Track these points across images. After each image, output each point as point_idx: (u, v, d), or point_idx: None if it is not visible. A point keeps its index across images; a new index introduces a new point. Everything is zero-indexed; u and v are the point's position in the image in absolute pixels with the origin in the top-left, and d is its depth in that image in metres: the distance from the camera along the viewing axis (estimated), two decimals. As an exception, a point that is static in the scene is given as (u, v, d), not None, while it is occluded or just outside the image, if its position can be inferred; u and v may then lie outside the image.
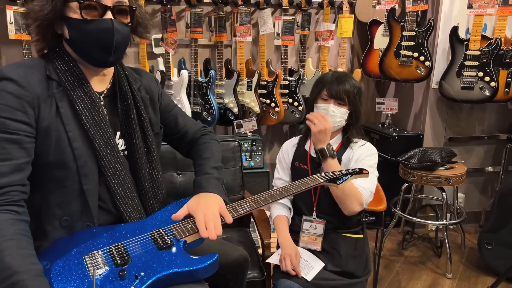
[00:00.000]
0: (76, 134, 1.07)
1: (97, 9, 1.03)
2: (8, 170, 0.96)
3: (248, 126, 2.88)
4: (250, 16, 2.80)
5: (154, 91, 1.30)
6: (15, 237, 0.91)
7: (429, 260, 2.64)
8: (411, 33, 2.64)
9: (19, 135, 0.98)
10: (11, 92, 0.99)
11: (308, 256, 1.61)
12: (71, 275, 0.96)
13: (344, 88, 1.57)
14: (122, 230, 1.11)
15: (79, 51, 1.08)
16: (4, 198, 0.94)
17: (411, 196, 2.79)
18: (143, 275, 0.98)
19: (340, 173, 1.41)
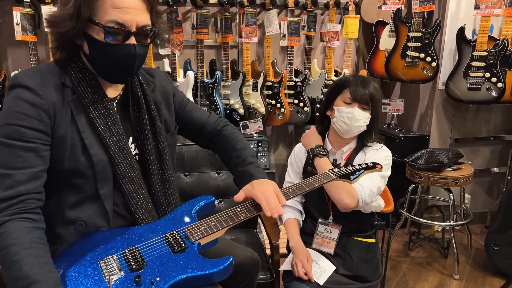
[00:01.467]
0: (92, 141, 1.07)
1: (121, 34, 1.01)
2: (26, 178, 0.96)
3: (254, 127, 2.88)
4: (256, 17, 2.80)
5: (168, 91, 1.30)
6: (33, 246, 0.91)
7: (435, 261, 2.64)
8: (418, 34, 2.64)
9: (35, 143, 0.98)
10: (27, 100, 0.99)
11: (320, 259, 1.60)
12: (87, 281, 0.96)
13: (369, 92, 1.53)
14: (136, 233, 1.11)
15: (97, 68, 1.07)
16: (21, 206, 0.94)
17: (417, 197, 2.79)
18: (158, 280, 0.98)
19: (353, 168, 1.40)
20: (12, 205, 0.93)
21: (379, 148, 1.61)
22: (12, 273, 0.86)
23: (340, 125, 1.57)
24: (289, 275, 1.58)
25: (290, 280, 1.56)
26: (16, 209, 0.94)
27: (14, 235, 0.90)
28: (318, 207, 1.68)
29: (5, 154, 0.96)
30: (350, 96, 1.53)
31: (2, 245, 0.89)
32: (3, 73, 2.59)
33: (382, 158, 1.58)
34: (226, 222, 1.14)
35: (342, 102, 1.56)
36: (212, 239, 1.14)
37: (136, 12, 1.01)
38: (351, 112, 1.53)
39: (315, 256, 1.61)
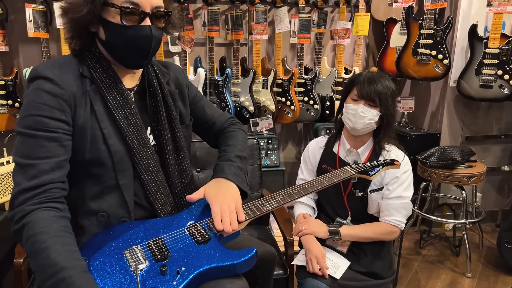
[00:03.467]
0: (110, 131, 1.07)
1: (136, 15, 1.02)
2: (50, 167, 0.96)
3: (264, 125, 2.87)
4: (266, 15, 2.80)
5: (182, 83, 1.30)
6: (59, 234, 0.91)
7: (447, 259, 2.63)
8: (429, 31, 2.63)
9: (58, 133, 0.98)
10: (48, 91, 0.99)
11: (333, 255, 1.60)
12: (113, 270, 0.96)
13: (375, 89, 1.51)
14: (159, 225, 1.11)
15: (114, 54, 1.08)
16: (46, 195, 0.95)
17: (428, 195, 2.77)
18: (184, 270, 0.98)
19: (371, 165, 1.40)
20: (37, 194, 0.93)
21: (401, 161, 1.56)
22: (40, 261, 0.86)
23: (346, 122, 1.58)
24: (303, 272, 1.57)
25: (304, 277, 1.55)
26: (42, 198, 0.94)
27: (40, 224, 0.90)
28: (334, 206, 1.67)
29: (28, 144, 0.97)
30: (357, 93, 1.53)
31: (29, 233, 0.90)
32: (15, 70, 2.59)
33: (402, 173, 1.56)
34: (248, 215, 1.14)
35: (350, 99, 1.57)
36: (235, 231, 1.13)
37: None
38: (355, 109, 1.53)
39: (328, 252, 1.60)
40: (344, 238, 1.58)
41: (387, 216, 1.57)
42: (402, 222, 1.58)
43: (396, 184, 1.55)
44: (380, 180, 1.57)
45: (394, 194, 1.54)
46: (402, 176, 1.55)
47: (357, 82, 1.55)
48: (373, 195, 1.58)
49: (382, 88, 1.52)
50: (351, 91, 1.57)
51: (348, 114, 1.56)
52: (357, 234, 1.58)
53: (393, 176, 1.55)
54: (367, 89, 1.51)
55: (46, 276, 0.85)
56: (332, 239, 1.59)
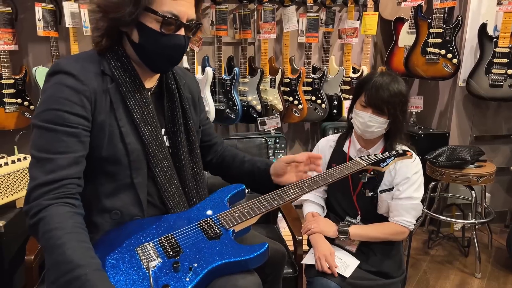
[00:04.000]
0: (128, 129, 1.08)
1: (174, 25, 1.04)
2: (67, 163, 0.96)
3: (271, 124, 2.87)
4: (274, 14, 2.80)
5: (195, 92, 1.32)
6: (74, 230, 0.91)
7: (456, 260, 2.61)
8: (439, 30, 2.61)
9: (77, 129, 0.98)
10: (70, 86, 0.99)
11: (343, 254, 1.59)
12: (126, 268, 0.96)
13: (383, 97, 1.46)
14: (170, 221, 1.11)
15: (144, 57, 1.08)
16: (62, 191, 0.94)
17: (436, 194, 2.76)
18: (196, 266, 0.97)
19: (383, 156, 1.38)
20: (54, 189, 0.93)
21: (412, 161, 1.55)
22: (56, 257, 0.87)
23: (355, 128, 1.58)
24: (312, 270, 1.56)
25: (313, 275, 1.54)
26: (58, 193, 0.93)
27: (56, 219, 0.90)
28: (343, 206, 1.66)
29: (47, 138, 0.97)
30: (365, 100, 1.51)
31: (45, 229, 0.90)
32: (24, 69, 2.61)
33: (412, 174, 1.55)
34: (259, 209, 1.14)
35: (359, 105, 1.54)
36: (246, 226, 1.14)
37: (188, 6, 1.06)
38: (362, 116, 1.51)
39: (337, 250, 1.59)
40: (353, 237, 1.57)
41: (397, 216, 1.56)
42: (411, 223, 1.57)
43: (407, 185, 1.54)
44: (391, 180, 1.57)
45: (404, 195, 1.54)
46: (412, 177, 1.54)
47: (366, 88, 1.51)
48: (383, 195, 1.57)
49: (390, 95, 1.47)
50: (360, 95, 1.55)
51: (356, 120, 1.55)
52: (366, 234, 1.57)
53: (403, 177, 1.54)
54: (375, 97, 1.48)
55: (61, 273, 0.85)
56: (341, 239, 1.59)
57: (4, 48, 2.47)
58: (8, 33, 2.48)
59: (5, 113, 2.53)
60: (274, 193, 1.20)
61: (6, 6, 2.47)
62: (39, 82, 2.55)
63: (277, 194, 1.20)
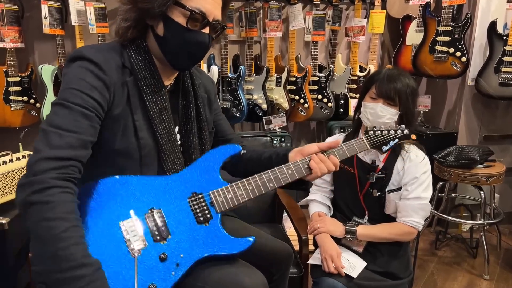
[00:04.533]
0: (142, 124, 1.07)
1: (200, 22, 1.04)
2: (76, 143, 0.92)
3: (277, 122, 2.85)
4: (280, 12, 2.78)
5: (210, 91, 1.31)
6: (78, 224, 0.88)
7: (463, 261, 2.58)
8: (447, 28, 2.58)
9: (92, 113, 0.96)
10: (93, 71, 0.98)
11: (349, 255, 1.57)
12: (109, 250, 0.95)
13: (395, 87, 1.46)
14: (159, 187, 1.06)
15: (167, 52, 1.07)
16: (67, 172, 0.90)
17: (444, 195, 2.72)
18: (182, 257, 1.00)
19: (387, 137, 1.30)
20: (60, 167, 0.88)
21: (421, 161, 1.53)
22: (56, 251, 0.83)
23: (364, 120, 1.55)
24: (318, 271, 1.54)
25: (319, 276, 1.52)
26: (63, 174, 0.88)
27: (63, 208, 0.86)
28: (350, 205, 1.64)
29: (61, 115, 0.93)
30: (375, 91, 1.49)
31: (48, 215, 0.84)
32: (30, 67, 2.61)
33: (421, 174, 1.51)
34: (253, 193, 1.11)
35: (369, 98, 1.53)
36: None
37: (216, 5, 1.06)
38: (373, 107, 1.49)
39: (344, 251, 1.57)
40: (361, 238, 1.55)
41: (405, 216, 1.53)
42: (419, 223, 1.54)
43: (415, 185, 1.51)
44: (399, 180, 1.54)
45: (412, 195, 1.51)
46: (421, 177, 1.51)
47: (376, 80, 1.51)
48: (391, 195, 1.54)
49: (402, 86, 1.47)
50: (369, 89, 1.53)
51: (366, 113, 1.52)
52: (373, 234, 1.55)
53: (412, 177, 1.51)
54: (386, 87, 1.47)
55: (59, 268, 0.83)
56: (348, 239, 1.56)
57: (10, 46, 2.47)
58: (14, 30, 2.49)
59: (11, 110, 2.54)
60: (271, 173, 1.13)
61: (12, 3, 2.47)
62: (45, 80, 2.55)
63: (274, 174, 1.13)
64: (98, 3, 2.54)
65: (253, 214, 2.12)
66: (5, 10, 2.42)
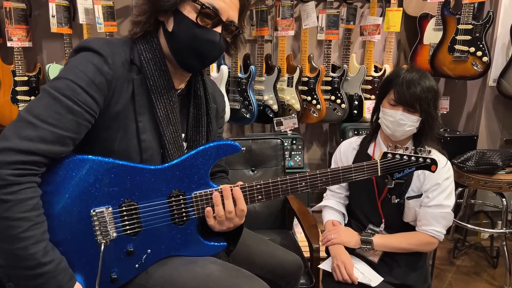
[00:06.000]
0: (146, 125, 1.00)
1: (212, 19, 0.98)
2: (51, 138, 0.85)
3: (288, 124, 2.77)
4: (292, 10, 2.70)
5: (220, 103, 1.25)
6: (39, 220, 0.86)
7: (483, 271, 2.45)
8: (468, 27, 2.46)
9: (81, 108, 0.89)
10: (95, 65, 0.92)
11: (364, 268, 1.48)
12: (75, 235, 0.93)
13: (415, 93, 1.35)
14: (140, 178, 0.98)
15: (174, 48, 1.01)
16: (31, 168, 0.84)
17: (463, 201, 2.60)
18: (149, 252, 1.00)
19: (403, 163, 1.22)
20: (23, 162, 0.82)
21: (443, 167, 1.42)
22: (16, 250, 0.83)
23: (384, 128, 1.46)
24: (330, 280, 1.47)
25: (331, 286, 1.45)
26: (25, 170, 0.83)
27: (22, 208, 0.82)
28: (366, 212, 1.55)
29: (44, 104, 0.87)
30: (394, 97, 1.39)
31: (7, 215, 0.81)
32: (38, 66, 2.58)
33: (443, 180, 1.42)
34: None
35: (387, 103, 1.42)
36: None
37: (231, 5, 1.00)
38: (393, 115, 1.39)
39: (358, 262, 1.48)
40: (377, 248, 1.46)
41: (425, 225, 1.44)
42: (441, 233, 1.45)
43: (437, 192, 1.42)
44: (419, 186, 1.45)
45: (434, 202, 1.41)
46: (443, 183, 1.42)
47: (394, 84, 1.39)
48: (410, 202, 1.45)
49: (422, 91, 1.35)
50: (387, 94, 1.43)
51: (385, 120, 1.43)
52: (391, 244, 1.46)
53: (433, 183, 1.42)
54: (406, 93, 1.36)
55: (20, 266, 0.83)
56: (364, 249, 1.48)
57: (18, 45, 2.44)
58: (22, 29, 2.46)
59: (19, 110, 2.50)
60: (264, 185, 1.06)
61: (20, 2, 2.44)
62: (52, 80, 2.51)
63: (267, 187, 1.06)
64: (106, 1, 2.50)
65: (262, 219, 2.05)
66: (12, 8, 2.39)
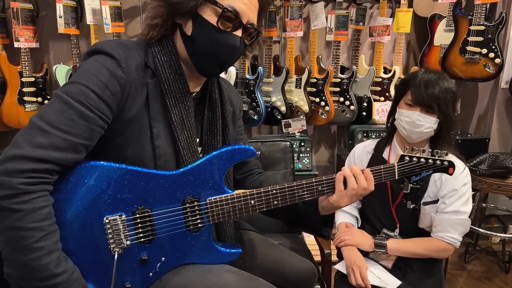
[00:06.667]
0: (160, 131, 0.97)
1: (233, 22, 0.95)
2: (63, 144, 0.83)
3: (296, 126, 2.74)
4: (301, 10, 2.66)
5: (236, 105, 1.21)
6: (51, 230, 0.83)
7: (495, 276, 2.42)
8: (480, 28, 2.42)
9: (94, 114, 0.87)
10: (109, 68, 0.89)
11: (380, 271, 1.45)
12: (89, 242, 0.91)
13: (433, 94, 1.32)
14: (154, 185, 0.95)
15: (193, 52, 0.98)
16: (42, 176, 0.81)
17: (474, 205, 2.56)
18: (163, 260, 0.97)
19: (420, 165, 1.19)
20: (35, 171, 0.80)
21: (461, 172, 1.39)
22: (28, 261, 0.80)
23: (400, 130, 1.42)
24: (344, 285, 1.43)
25: (345, 290, 1.42)
26: (37, 179, 0.81)
27: (35, 217, 0.80)
28: (380, 217, 1.52)
29: (56, 110, 0.84)
30: (412, 98, 1.36)
31: (18, 224, 0.79)
32: (45, 67, 2.57)
33: (460, 186, 1.38)
34: (253, 209, 1.02)
35: (404, 104, 1.40)
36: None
37: (252, 7, 0.97)
38: (410, 116, 1.36)
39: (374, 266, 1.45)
40: (391, 252, 1.43)
41: (441, 232, 1.41)
42: (457, 240, 1.42)
43: (454, 198, 1.38)
44: (436, 191, 1.41)
45: (450, 209, 1.38)
46: (461, 189, 1.38)
47: (412, 85, 1.37)
48: (426, 208, 1.42)
49: (441, 92, 1.33)
50: (404, 95, 1.40)
51: (402, 121, 1.40)
52: (405, 249, 1.43)
53: (450, 189, 1.39)
54: (423, 94, 1.33)
55: (33, 277, 0.81)
56: (377, 253, 1.45)
57: (25, 46, 2.43)
58: (29, 30, 2.44)
59: (25, 112, 2.49)
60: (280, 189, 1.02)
61: (27, 3, 2.42)
62: (59, 81, 2.50)
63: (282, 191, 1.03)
64: (114, 2, 2.47)
65: (271, 223, 2.01)
66: (20, 9, 2.38)
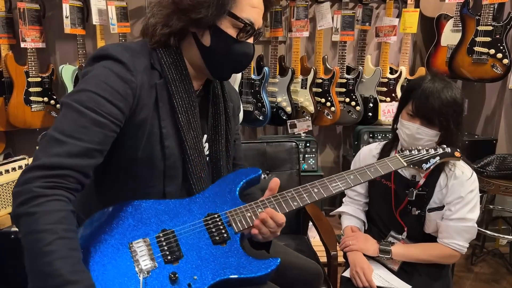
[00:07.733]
0: (169, 131, 0.98)
1: (247, 32, 0.99)
2: (77, 151, 0.82)
3: (302, 127, 2.73)
4: (307, 10, 2.66)
5: (235, 101, 1.23)
6: (66, 235, 0.78)
7: (503, 278, 2.39)
8: (488, 28, 2.40)
9: (106, 119, 0.87)
10: (118, 73, 0.90)
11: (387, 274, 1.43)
12: (114, 268, 0.87)
13: (433, 107, 1.27)
14: (172, 209, 0.98)
15: (211, 62, 1.00)
16: (58, 181, 0.80)
17: (482, 207, 2.53)
18: (196, 279, 0.89)
19: (427, 155, 1.20)
20: (50, 176, 0.80)
21: (468, 179, 1.36)
22: (41, 266, 0.76)
23: (401, 140, 1.40)
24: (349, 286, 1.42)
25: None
26: (52, 183, 0.80)
27: (48, 219, 0.78)
28: (386, 221, 1.51)
29: (68, 119, 0.85)
30: (412, 109, 1.32)
31: (32, 228, 0.77)
32: (51, 67, 2.58)
33: (467, 193, 1.35)
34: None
35: (406, 114, 1.36)
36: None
37: (261, 14, 1.01)
38: (409, 128, 1.33)
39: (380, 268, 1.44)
40: (396, 258, 1.42)
41: (446, 238, 1.39)
42: (463, 247, 1.39)
43: (460, 205, 1.36)
44: (441, 198, 1.39)
45: (456, 216, 1.36)
46: (467, 196, 1.35)
47: (414, 95, 1.32)
48: (431, 215, 1.40)
49: (442, 105, 1.27)
50: (407, 103, 1.36)
51: (402, 132, 1.37)
52: (410, 255, 1.41)
53: (456, 196, 1.36)
54: (424, 106, 1.28)
55: (45, 285, 0.76)
56: (383, 258, 1.43)
57: (31, 46, 2.44)
58: (35, 30, 2.45)
59: (32, 112, 2.50)
60: (295, 191, 1.03)
61: (34, 3, 2.43)
62: (65, 81, 2.50)
63: (298, 192, 1.03)
64: (120, 2, 2.48)
65: (277, 224, 2.01)
66: (26, 9, 2.39)
